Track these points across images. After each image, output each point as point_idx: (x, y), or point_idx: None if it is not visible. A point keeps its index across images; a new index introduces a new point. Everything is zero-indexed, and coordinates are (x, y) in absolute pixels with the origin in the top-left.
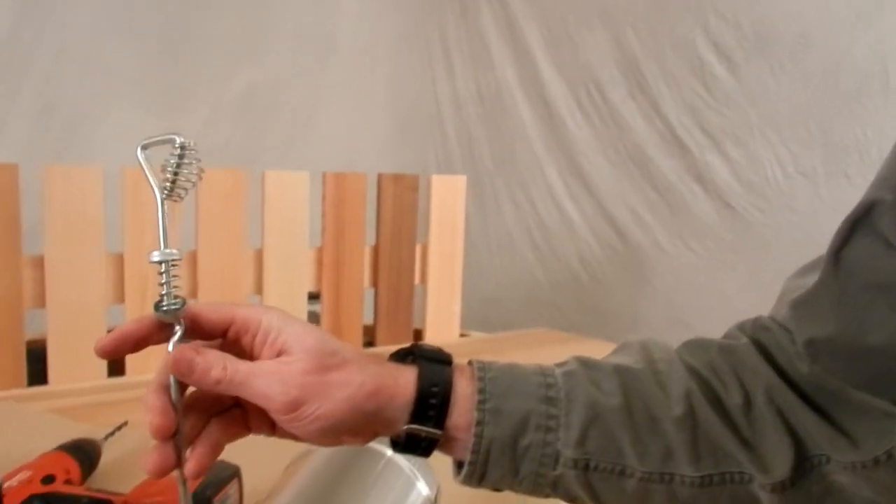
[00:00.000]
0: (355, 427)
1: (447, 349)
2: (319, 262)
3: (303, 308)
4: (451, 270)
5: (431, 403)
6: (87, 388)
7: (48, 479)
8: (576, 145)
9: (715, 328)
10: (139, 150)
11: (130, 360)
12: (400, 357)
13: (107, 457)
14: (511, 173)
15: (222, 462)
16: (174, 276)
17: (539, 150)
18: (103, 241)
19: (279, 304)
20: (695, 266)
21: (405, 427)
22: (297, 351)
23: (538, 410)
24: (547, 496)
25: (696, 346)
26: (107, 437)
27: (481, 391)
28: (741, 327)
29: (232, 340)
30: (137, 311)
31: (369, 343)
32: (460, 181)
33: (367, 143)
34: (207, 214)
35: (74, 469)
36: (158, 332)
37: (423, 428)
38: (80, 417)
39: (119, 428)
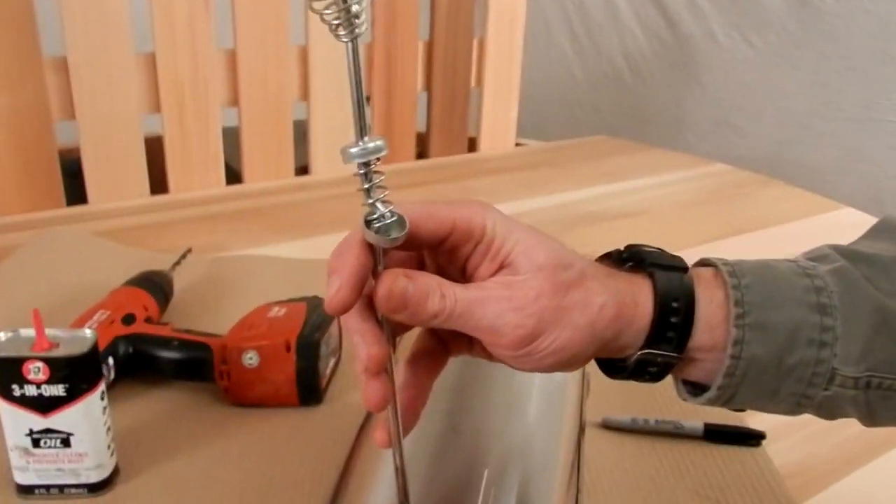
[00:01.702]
0: (587, 356)
1: (502, 161)
2: (370, 62)
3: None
4: (510, 70)
5: (672, 323)
6: (130, 207)
7: (128, 318)
8: None
9: (766, 131)
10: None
11: (173, 176)
12: (619, 261)
13: (176, 286)
14: None
15: (321, 300)
16: (377, 172)
17: None
18: (130, 41)
19: (326, 109)
20: (751, 62)
21: (638, 353)
22: (526, 267)
23: (810, 322)
24: (797, 414)
25: None
26: (174, 267)
27: (738, 302)
28: None
29: (447, 250)
30: (175, 122)
31: (421, 154)
32: None
33: None
34: (246, 7)
35: (152, 306)
36: (370, 254)
37: (660, 353)
38: (130, 241)
39: (184, 255)
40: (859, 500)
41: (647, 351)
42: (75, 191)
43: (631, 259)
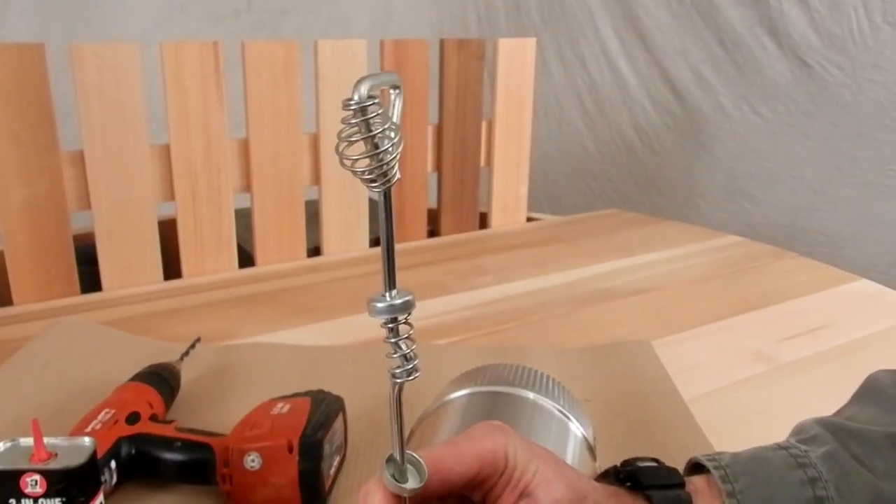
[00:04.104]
0: None
1: (514, 237)
2: None
3: (363, 197)
4: (519, 149)
5: None
6: (143, 294)
7: (133, 418)
8: None
9: (780, 199)
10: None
11: (186, 261)
12: (619, 479)
13: (184, 378)
14: (560, 28)
15: (326, 395)
16: (408, 338)
17: (592, 2)
18: (145, 133)
19: (338, 193)
20: (761, 131)
21: None
22: (545, 502)
23: None
24: None
25: None
26: (182, 358)
27: None
28: None
29: (474, 485)
30: (189, 209)
31: (433, 231)
32: (530, 45)
33: None
34: (257, 96)
35: (157, 403)
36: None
37: None
38: (142, 329)
39: (193, 345)
40: None
41: None
42: (91, 277)
43: (629, 479)
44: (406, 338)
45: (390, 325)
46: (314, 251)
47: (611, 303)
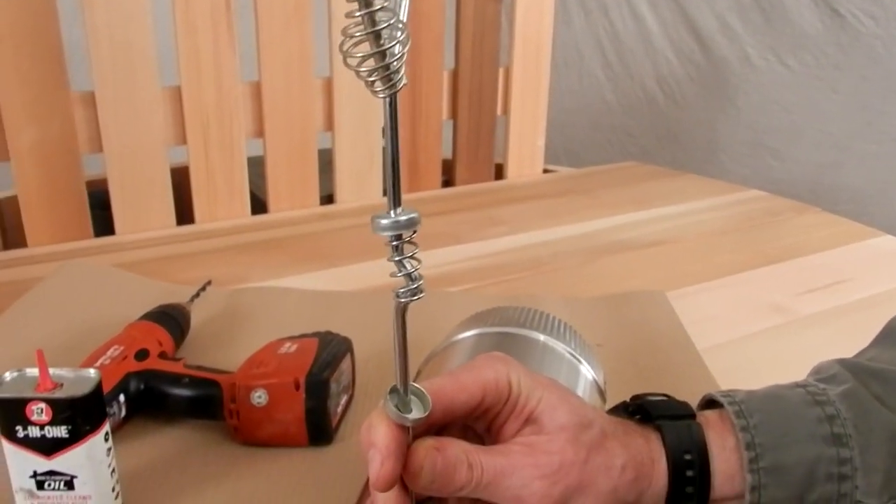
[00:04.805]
0: None
1: (530, 188)
2: None
3: (377, 145)
4: (536, 98)
5: (689, 477)
6: (155, 238)
7: (142, 354)
8: None
9: (805, 154)
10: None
11: (198, 206)
12: (628, 413)
13: (193, 319)
14: None
15: (334, 337)
16: (412, 257)
17: None
18: (156, 75)
19: (351, 140)
20: (788, 84)
21: None
22: (550, 427)
23: (826, 455)
24: None
25: None
26: (192, 300)
27: (750, 446)
28: None
29: (478, 415)
30: (201, 154)
31: (447, 181)
32: None
33: None
34: (270, 41)
35: (167, 341)
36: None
37: None
38: (153, 272)
39: (203, 288)
40: None
41: None
42: (105, 222)
43: (638, 412)
44: (410, 256)
45: (395, 243)
46: (327, 199)
47: (626, 254)
